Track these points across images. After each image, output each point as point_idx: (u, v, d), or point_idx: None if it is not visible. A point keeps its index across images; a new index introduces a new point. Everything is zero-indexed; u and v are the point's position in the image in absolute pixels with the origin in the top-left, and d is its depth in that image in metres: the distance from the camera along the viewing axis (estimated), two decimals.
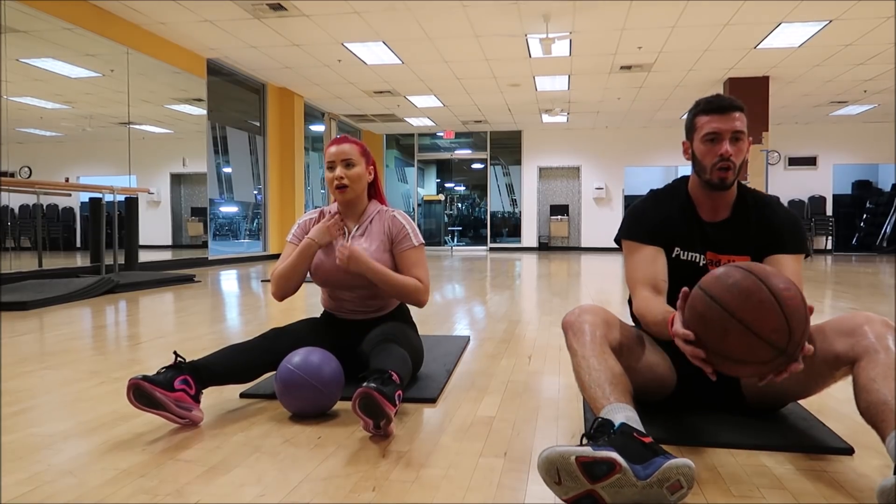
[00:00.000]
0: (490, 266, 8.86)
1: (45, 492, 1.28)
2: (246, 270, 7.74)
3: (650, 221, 1.76)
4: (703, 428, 1.63)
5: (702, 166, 1.68)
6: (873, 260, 11.06)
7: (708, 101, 1.68)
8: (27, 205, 6.78)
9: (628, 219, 1.81)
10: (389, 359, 1.75)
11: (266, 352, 1.90)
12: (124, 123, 7.26)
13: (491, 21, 6.95)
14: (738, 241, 1.71)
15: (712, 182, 1.66)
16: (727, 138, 1.63)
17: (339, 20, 6.92)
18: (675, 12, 6.65)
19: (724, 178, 1.64)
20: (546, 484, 1.19)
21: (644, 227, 1.76)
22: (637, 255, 1.75)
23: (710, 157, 1.65)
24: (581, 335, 1.54)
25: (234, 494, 1.27)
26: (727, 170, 1.63)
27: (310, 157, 12.19)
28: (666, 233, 1.74)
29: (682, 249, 1.74)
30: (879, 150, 13.49)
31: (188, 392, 1.68)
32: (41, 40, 6.19)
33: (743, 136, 1.65)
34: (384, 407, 1.51)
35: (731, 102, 1.66)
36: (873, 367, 1.34)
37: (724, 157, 1.62)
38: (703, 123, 1.67)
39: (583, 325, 1.55)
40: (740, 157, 1.65)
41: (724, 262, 1.66)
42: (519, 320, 3.67)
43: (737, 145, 1.64)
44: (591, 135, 14.43)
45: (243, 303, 4.56)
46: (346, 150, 2.06)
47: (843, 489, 1.30)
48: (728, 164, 1.63)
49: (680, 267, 1.74)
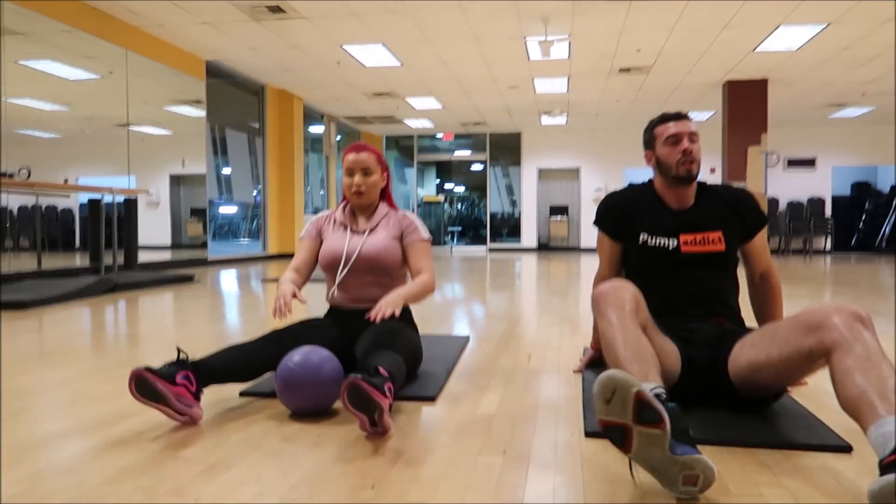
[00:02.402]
0: (489, 266, 8.87)
1: (45, 490, 1.27)
2: (245, 271, 7.74)
3: (616, 210, 2.04)
4: (703, 426, 1.63)
5: (667, 165, 1.92)
6: (872, 260, 11.07)
7: (663, 115, 1.97)
8: (26, 206, 6.78)
9: (600, 207, 2.10)
10: (377, 359, 1.73)
11: (266, 352, 1.90)
12: (123, 125, 7.26)
13: (490, 23, 6.96)
14: (708, 220, 1.93)
15: (679, 176, 1.90)
16: (685, 137, 1.90)
17: (337, 22, 6.93)
18: (674, 15, 6.67)
19: (690, 170, 1.89)
20: (595, 398, 1.24)
21: (609, 216, 2.06)
22: (601, 243, 2.12)
23: (675, 154, 1.90)
24: (619, 307, 1.57)
25: (233, 493, 1.27)
26: (691, 163, 1.89)
27: (309, 159, 12.20)
28: (632, 222, 1.99)
29: (650, 235, 1.94)
30: (878, 152, 13.51)
31: (189, 388, 1.69)
32: (40, 42, 6.19)
33: (697, 139, 1.92)
34: (372, 395, 1.49)
35: (684, 114, 1.96)
36: (847, 360, 1.33)
37: (686, 153, 1.88)
38: (662, 131, 1.95)
39: (622, 296, 1.60)
40: (699, 154, 1.91)
41: (699, 240, 1.90)
42: (518, 320, 3.67)
43: (695, 144, 1.91)
44: (590, 136, 14.45)
45: (242, 303, 4.56)
46: (364, 158, 2.18)
47: (842, 487, 1.30)
48: (692, 158, 1.89)
49: (649, 253, 1.94)
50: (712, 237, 1.90)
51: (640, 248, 1.96)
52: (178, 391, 1.65)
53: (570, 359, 2.60)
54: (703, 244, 1.90)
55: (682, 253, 1.90)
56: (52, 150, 6.97)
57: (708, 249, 1.90)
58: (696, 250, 1.90)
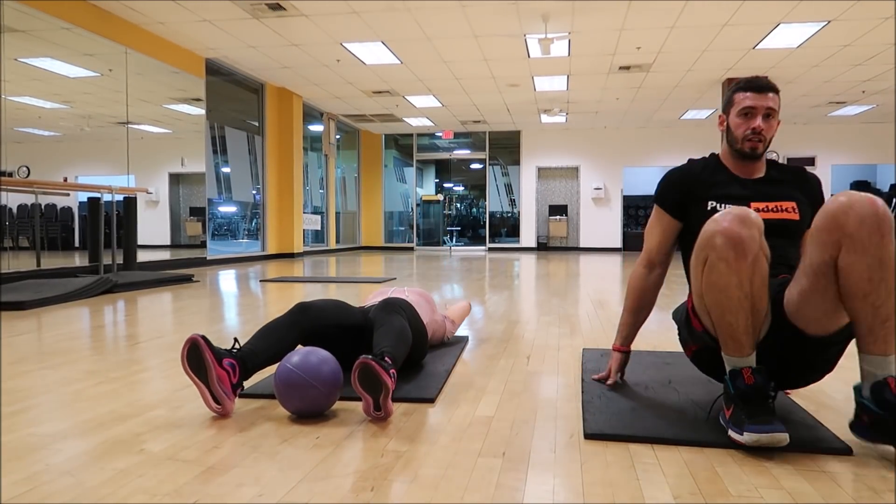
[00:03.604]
0: (489, 266, 8.87)
1: (44, 492, 1.27)
2: (245, 270, 7.74)
3: (679, 186, 1.91)
4: (702, 427, 1.63)
5: (734, 137, 1.84)
6: None
7: (748, 80, 1.85)
8: (25, 204, 6.77)
9: (660, 183, 1.97)
10: (387, 336, 1.88)
11: (294, 325, 2.00)
12: (123, 123, 7.25)
13: (490, 21, 6.95)
14: (780, 190, 1.83)
15: (743, 151, 1.83)
16: (760, 114, 1.80)
17: (337, 20, 6.92)
18: (674, 13, 6.66)
19: (754, 149, 1.81)
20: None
21: (670, 193, 1.92)
22: (653, 221, 1.98)
23: (743, 128, 1.82)
24: (742, 254, 1.47)
25: (233, 494, 1.26)
26: (758, 142, 1.81)
27: (308, 157, 12.19)
28: (699, 192, 1.86)
29: (718, 202, 1.82)
30: (878, 151, 13.51)
31: (230, 377, 1.74)
32: (40, 40, 6.18)
33: (774, 114, 1.82)
34: (381, 376, 1.60)
35: (768, 84, 1.82)
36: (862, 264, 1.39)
37: (755, 131, 1.80)
38: (740, 99, 1.83)
39: (749, 242, 1.47)
40: (770, 132, 1.82)
41: (772, 208, 1.79)
42: (517, 320, 3.67)
43: (768, 121, 1.81)
44: (589, 135, 14.44)
45: (242, 303, 4.55)
46: None
47: (842, 489, 1.30)
48: (759, 137, 1.80)
49: None
50: (786, 206, 1.80)
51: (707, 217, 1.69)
52: (220, 374, 1.71)
53: (570, 359, 2.60)
54: (776, 212, 1.79)
55: None
56: (52, 149, 6.96)
57: (781, 217, 1.78)
58: (769, 217, 1.75)
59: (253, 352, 1.86)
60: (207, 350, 1.70)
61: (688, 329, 1.76)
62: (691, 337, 1.76)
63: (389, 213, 15.82)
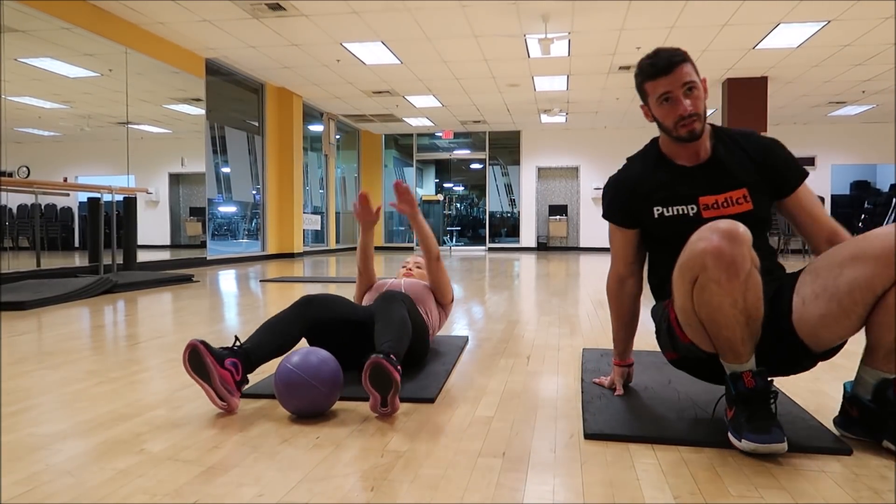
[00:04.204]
0: (489, 266, 8.87)
1: (44, 492, 1.27)
2: (244, 270, 7.74)
3: (620, 197, 1.81)
4: (702, 427, 1.63)
5: (666, 127, 1.68)
6: None
7: (649, 62, 1.67)
8: (25, 205, 6.77)
9: (604, 198, 1.87)
10: (388, 330, 1.89)
11: (298, 318, 2.01)
12: (123, 123, 7.25)
13: (490, 21, 6.95)
14: (729, 176, 1.68)
15: (682, 137, 1.66)
16: (680, 94, 1.62)
17: (337, 20, 6.92)
18: (674, 12, 6.66)
19: (692, 131, 1.64)
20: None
21: (615, 205, 1.83)
22: (611, 234, 1.89)
23: (671, 116, 1.65)
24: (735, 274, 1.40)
25: (233, 494, 1.26)
26: (693, 122, 1.63)
27: (308, 157, 12.19)
28: (643, 199, 1.74)
29: (664, 206, 1.72)
30: (878, 151, 13.50)
31: (233, 375, 1.78)
32: (39, 40, 6.18)
33: (696, 84, 1.63)
34: (392, 374, 1.65)
35: (671, 58, 1.63)
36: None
37: (684, 115, 1.62)
38: (652, 88, 1.67)
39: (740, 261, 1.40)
40: (700, 104, 1.64)
41: (722, 202, 1.66)
42: (517, 320, 3.67)
43: (692, 96, 1.63)
44: (589, 135, 14.44)
45: (242, 303, 4.55)
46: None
47: (842, 489, 1.30)
48: (692, 118, 1.63)
49: (667, 224, 1.72)
50: (736, 196, 1.66)
51: (657, 223, 1.73)
52: (223, 374, 1.75)
53: (570, 359, 2.60)
54: (727, 206, 1.65)
55: (703, 218, 1.65)
56: (52, 149, 6.96)
57: (732, 211, 1.64)
58: (719, 214, 1.64)
59: (257, 345, 1.88)
60: (207, 355, 1.73)
61: (671, 338, 1.66)
62: (673, 346, 1.67)
63: (389, 213, 15.82)
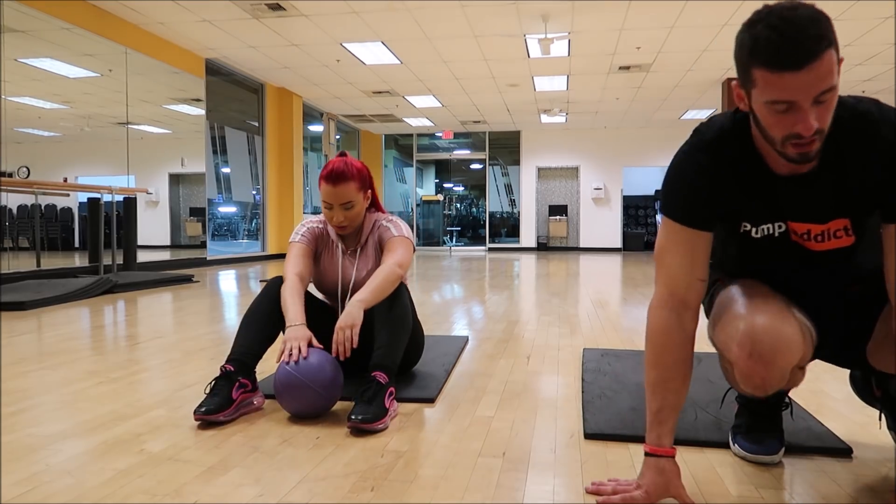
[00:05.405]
0: (489, 266, 8.87)
1: (44, 492, 1.27)
2: (244, 271, 7.74)
3: (705, 187, 1.21)
4: (702, 427, 1.63)
5: (770, 137, 1.09)
6: None
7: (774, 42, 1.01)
8: (25, 205, 6.77)
9: (667, 185, 1.26)
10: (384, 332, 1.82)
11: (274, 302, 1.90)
12: (123, 123, 7.25)
13: (490, 21, 6.95)
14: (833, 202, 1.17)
15: (787, 156, 1.09)
16: (809, 106, 1.01)
17: (337, 20, 6.92)
18: (674, 12, 6.66)
19: (806, 154, 1.07)
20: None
21: (695, 198, 1.22)
22: (669, 242, 1.25)
23: (781, 129, 1.06)
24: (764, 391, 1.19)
25: (233, 494, 1.26)
26: (811, 143, 1.05)
27: (308, 158, 12.19)
28: (728, 196, 1.21)
29: (755, 225, 1.23)
30: None
31: (246, 389, 1.79)
32: (39, 40, 6.18)
33: (834, 87, 1.01)
34: (375, 428, 1.64)
35: (810, 43, 0.99)
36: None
37: (801, 136, 1.04)
38: (766, 83, 1.03)
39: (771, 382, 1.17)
40: (828, 117, 1.04)
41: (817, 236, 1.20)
42: (517, 320, 3.67)
43: (822, 108, 1.03)
44: (589, 135, 14.44)
45: (242, 303, 4.55)
46: (343, 192, 1.95)
47: (842, 489, 1.30)
48: (811, 139, 1.04)
49: (754, 245, 1.26)
50: (834, 228, 1.20)
51: (740, 238, 1.28)
52: (239, 401, 1.76)
53: (570, 359, 2.60)
54: (821, 240, 1.21)
55: (791, 242, 1.23)
56: (52, 149, 6.96)
57: (826, 247, 1.22)
58: (808, 246, 1.23)
59: (247, 347, 1.83)
60: (218, 414, 1.69)
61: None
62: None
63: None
